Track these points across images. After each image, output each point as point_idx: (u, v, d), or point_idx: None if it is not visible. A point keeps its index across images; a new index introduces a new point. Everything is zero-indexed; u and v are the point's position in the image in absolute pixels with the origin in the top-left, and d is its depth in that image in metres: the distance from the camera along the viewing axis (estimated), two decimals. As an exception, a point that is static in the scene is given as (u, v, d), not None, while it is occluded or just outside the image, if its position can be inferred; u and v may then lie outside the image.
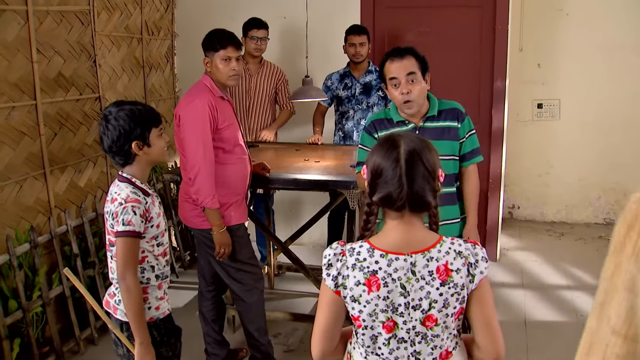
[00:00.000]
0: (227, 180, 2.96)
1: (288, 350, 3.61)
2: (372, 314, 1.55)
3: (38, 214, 3.62)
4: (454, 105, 2.75)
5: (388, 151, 1.57)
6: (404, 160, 1.53)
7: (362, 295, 1.55)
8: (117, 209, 2.09)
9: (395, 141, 1.58)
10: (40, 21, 3.59)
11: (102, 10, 4.17)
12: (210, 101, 2.85)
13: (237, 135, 3.01)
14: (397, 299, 1.54)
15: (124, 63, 4.49)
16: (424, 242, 1.57)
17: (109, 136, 2.12)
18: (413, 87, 2.58)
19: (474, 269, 1.56)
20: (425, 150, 1.57)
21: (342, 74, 4.48)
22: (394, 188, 1.53)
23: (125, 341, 2.17)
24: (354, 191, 3.20)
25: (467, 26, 4.73)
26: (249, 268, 3.09)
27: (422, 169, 1.54)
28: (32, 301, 3.30)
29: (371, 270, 1.54)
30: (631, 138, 5.47)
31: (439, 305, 1.54)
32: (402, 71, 2.58)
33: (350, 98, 4.42)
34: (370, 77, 4.42)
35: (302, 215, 5.26)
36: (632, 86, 5.37)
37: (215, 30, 3.07)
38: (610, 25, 5.31)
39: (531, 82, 5.61)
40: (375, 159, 1.59)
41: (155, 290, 2.24)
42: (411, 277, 1.54)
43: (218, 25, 5.10)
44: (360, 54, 4.33)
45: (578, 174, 5.70)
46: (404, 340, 1.58)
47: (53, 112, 3.73)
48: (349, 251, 1.59)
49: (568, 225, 5.77)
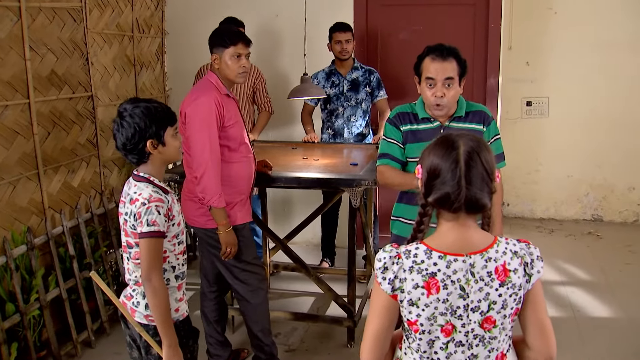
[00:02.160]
0: (233, 179, 2.92)
1: (289, 350, 3.58)
2: (430, 317, 1.51)
3: (32, 215, 3.54)
4: (481, 108, 2.70)
5: (447, 151, 1.52)
6: (463, 162, 1.49)
7: (420, 298, 1.50)
8: (139, 210, 2.04)
9: (454, 141, 1.53)
10: (32, 18, 3.51)
11: (94, 8, 4.09)
12: (217, 98, 2.81)
13: (243, 134, 2.97)
14: (456, 302, 1.50)
15: (115, 61, 4.41)
16: (481, 242, 1.54)
17: (123, 133, 2.06)
18: (448, 91, 2.51)
19: (530, 268, 1.54)
20: (484, 151, 1.53)
21: (327, 72, 4.47)
22: (452, 189, 1.49)
23: (153, 344, 2.12)
24: (357, 189, 3.19)
25: (460, 24, 4.74)
26: (254, 268, 3.06)
27: (481, 170, 1.50)
28: (30, 304, 3.22)
29: (430, 272, 1.50)
30: (618, 135, 5.53)
31: (498, 306, 1.51)
32: (441, 74, 2.50)
33: (339, 95, 4.41)
34: (357, 73, 4.42)
35: (294, 214, 5.23)
36: (620, 84, 5.43)
37: (224, 27, 3.04)
38: (599, 24, 5.37)
39: (520, 80, 5.65)
40: (432, 159, 1.54)
41: (175, 292, 2.20)
42: (470, 279, 1.50)
43: (208, 24, 5.05)
44: (347, 51, 4.32)
45: (567, 170, 5.75)
46: (462, 343, 1.54)
47: (46, 111, 3.65)
48: (405, 253, 1.54)
49: (557, 222, 5.83)
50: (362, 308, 3.82)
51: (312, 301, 4.24)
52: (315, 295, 4.28)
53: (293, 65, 4.94)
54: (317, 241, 5.14)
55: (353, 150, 4.15)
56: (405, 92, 4.84)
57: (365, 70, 4.43)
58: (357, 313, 3.61)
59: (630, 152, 5.55)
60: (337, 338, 3.69)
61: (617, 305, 4.01)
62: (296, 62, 4.80)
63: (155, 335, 2.14)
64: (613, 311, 3.94)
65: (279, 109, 4.74)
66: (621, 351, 3.46)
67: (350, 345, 3.58)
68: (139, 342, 2.22)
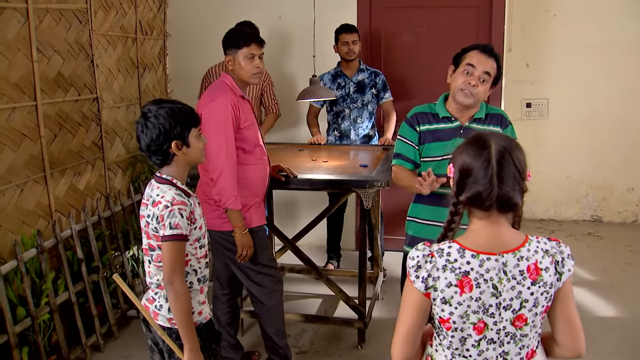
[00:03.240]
0: (248, 181, 2.91)
1: (300, 352, 3.57)
2: (463, 315, 1.52)
3: (39, 218, 3.51)
4: (500, 111, 2.74)
5: (479, 150, 1.53)
6: (495, 160, 1.50)
7: (453, 297, 1.51)
8: (162, 212, 2.01)
9: (486, 140, 1.54)
10: (40, 19, 3.48)
11: (99, 9, 4.06)
12: (233, 100, 2.80)
13: (257, 136, 2.96)
14: (489, 300, 1.52)
15: (119, 63, 4.39)
16: (513, 241, 1.54)
17: (147, 134, 2.04)
18: (481, 85, 2.56)
19: (561, 267, 1.55)
20: (516, 150, 1.54)
21: (333, 74, 4.47)
22: (484, 188, 1.50)
23: (175, 348, 2.10)
24: (370, 190, 3.19)
25: (464, 26, 4.76)
26: (269, 271, 3.05)
27: (513, 169, 1.51)
28: (40, 308, 3.19)
29: (463, 271, 1.51)
30: (617, 136, 5.58)
31: (530, 304, 1.53)
32: (483, 66, 2.55)
33: (345, 97, 4.42)
34: (363, 75, 4.43)
35: (299, 216, 5.22)
36: (619, 85, 5.49)
37: (238, 28, 3.03)
38: (597, 26, 5.42)
39: (520, 82, 5.68)
40: (464, 158, 1.55)
41: (198, 295, 2.18)
42: (503, 277, 1.51)
43: (210, 26, 5.07)
44: (353, 52, 4.34)
45: (566, 171, 5.79)
46: (493, 341, 1.56)
47: (53, 113, 3.63)
48: (438, 252, 1.54)
49: (557, 223, 5.86)
50: (372, 309, 3.81)
51: (320, 303, 4.23)
52: (322, 297, 4.28)
53: (299, 67, 4.94)
54: (320, 243, 5.14)
55: (360, 152, 4.16)
56: (408, 94, 4.87)
57: (371, 72, 4.45)
58: (367, 314, 3.60)
59: (629, 153, 5.60)
60: (347, 340, 3.69)
61: (623, 305, 4.04)
62: (302, 65, 4.81)
63: (177, 339, 2.12)
64: (619, 311, 3.97)
65: (285, 111, 4.74)
66: (631, 351, 3.48)
67: (361, 346, 3.58)
68: (162, 345, 2.20)
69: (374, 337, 3.69)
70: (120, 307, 3.89)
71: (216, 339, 2.25)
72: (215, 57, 4.37)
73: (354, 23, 4.68)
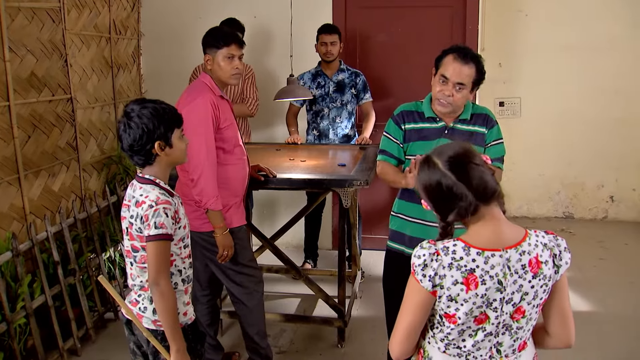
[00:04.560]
0: (228, 182, 2.90)
1: (280, 352, 3.57)
2: (469, 312, 1.55)
3: (13, 221, 3.45)
4: (485, 111, 2.72)
5: (429, 170, 1.59)
6: (449, 171, 1.55)
7: (459, 294, 1.53)
8: (147, 212, 1.99)
9: (429, 159, 1.61)
10: (11, 18, 3.42)
11: (72, 8, 4.01)
12: (212, 100, 2.78)
13: (237, 135, 2.95)
14: (493, 295, 1.54)
15: (93, 63, 4.33)
16: (514, 236, 1.58)
17: (130, 134, 2.01)
18: (457, 93, 2.51)
19: (559, 260, 1.59)
20: (452, 148, 1.60)
21: (314, 73, 4.47)
22: (460, 199, 1.54)
23: (161, 349, 2.08)
24: (349, 189, 3.20)
25: (438, 26, 4.81)
26: (250, 271, 3.04)
27: (468, 167, 1.55)
28: (16, 312, 3.13)
29: (469, 268, 1.53)
30: (588, 134, 5.68)
31: (529, 297, 1.57)
32: (456, 77, 2.48)
33: (324, 96, 4.42)
34: (343, 75, 4.44)
35: (278, 216, 5.22)
36: (590, 84, 5.59)
37: (218, 28, 3.01)
38: (569, 26, 5.51)
39: (493, 81, 5.71)
40: (423, 184, 1.61)
41: (183, 295, 2.16)
42: (507, 273, 1.54)
43: (184, 25, 5.03)
44: (331, 53, 4.33)
45: (538, 169, 5.89)
46: (490, 333, 1.59)
47: (26, 113, 3.57)
48: (443, 250, 1.56)
49: (530, 220, 5.95)
50: (351, 308, 3.83)
51: (299, 302, 4.23)
52: (301, 297, 4.28)
53: (276, 67, 4.93)
54: (296, 242, 5.14)
55: (338, 151, 4.17)
56: (384, 93, 4.89)
57: (352, 73, 4.46)
58: (347, 313, 3.62)
59: (599, 151, 5.71)
60: (327, 339, 3.70)
61: (595, 299, 4.12)
62: (280, 64, 4.80)
63: (163, 341, 2.10)
64: (592, 306, 4.05)
65: (262, 111, 4.71)
66: (602, 344, 3.55)
67: (341, 345, 3.59)
68: (146, 348, 2.18)
69: (354, 335, 3.71)
70: (98, 310, 3.84)
71: (201, 340, 2.24)
72: (189, 56, 4.35)
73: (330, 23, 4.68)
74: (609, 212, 5.87)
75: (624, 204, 5.81)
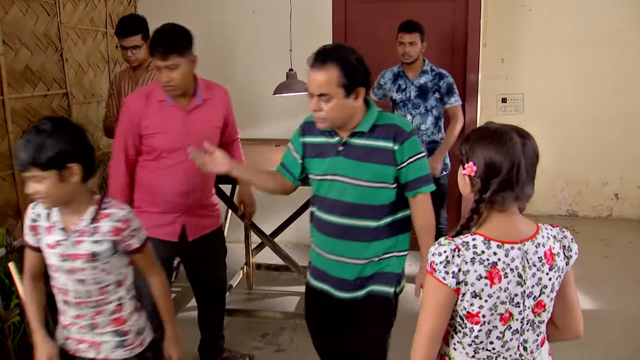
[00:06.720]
0: (144, 186, 2.88)
1: (279, 350, 3.51)
2: (492, 307, 1.50)
3: (8, 217, 3.39)
4: (396, 121, 2.23)
5: (504, 147, 1.50)
6: (523, 158, 1.51)
7: (484, 289, 1.48)
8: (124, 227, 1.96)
9: (511, 137, 1.51)
10: (5, 10, 3.36)
11: (68, 1, 3.95)
12: (139, 103, 2.75)
13: (171, 145, 2.81)
14: (514, 289, 1.50)
15: (89, 57, 4.27)
16: (529, 229, 1.55)
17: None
18: (325, 105, 2.12)
19: (568, 251, 1.58)
20: (533, 139, 1.56)
21: (395, 73, 4.10)
22: (514, 184, 1.50)
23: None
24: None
25: (440, 20, 4.75)
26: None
27: (535, 160, 1.55)
28: (10, 310, 3.07)
29: (491, 262, 1.48)
30: (592, 131, 5.62)
31: (548, 290, 1.54)
32: (315, 88, 2.11)
33: (406, 102, 4.03)
34: (426, 78, 4.00)
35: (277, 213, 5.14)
36: (593, 80, 5.52)
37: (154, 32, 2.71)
38: (572, 21, 5.44)
39: (495, 77, 5.68)
40: (490, 155, 1.50)
41: None
42: (526, 265, 1.51)
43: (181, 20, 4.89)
44: (410, 55, 3.93)
45: (542, 166, 5.74)
46: (517, 330, 1.55)
47: (20, 108, 3.51)
48: (464, 245, 1.50)
49: (533, 218, 5.73)
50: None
51: (297, 300, 4.16)
52: (300, 295, 4.21)
53: (276, 61, 4.84)
54: (296, 240, 5.08)
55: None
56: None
57: (436, 75, 4.00)
58: (347, 311, 3.55)
59: (603, 148, 5.64)
60: (327, 337, 3.63)
61: (600, 297, 4.06)
62: (279, 58, 4.72)
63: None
64: (596, 303, 3.99)
65: (260, 107, 4.65)
66: (606, 341, 3.50)
67: (341, 343, 3.52)
68: None
69: (354, 333, 3.65)
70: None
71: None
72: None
73: (329, 17, 4.62)
74: (614, 209, 5.80)
75: (629, 202, 5.74)
